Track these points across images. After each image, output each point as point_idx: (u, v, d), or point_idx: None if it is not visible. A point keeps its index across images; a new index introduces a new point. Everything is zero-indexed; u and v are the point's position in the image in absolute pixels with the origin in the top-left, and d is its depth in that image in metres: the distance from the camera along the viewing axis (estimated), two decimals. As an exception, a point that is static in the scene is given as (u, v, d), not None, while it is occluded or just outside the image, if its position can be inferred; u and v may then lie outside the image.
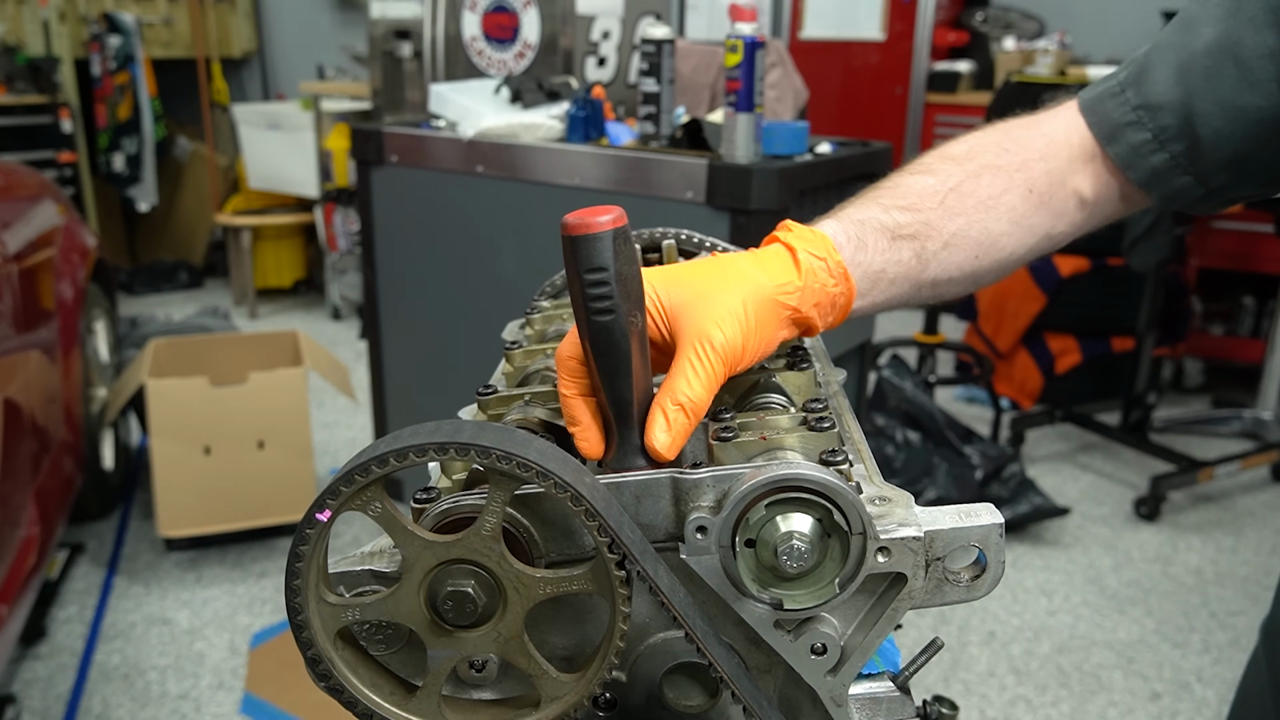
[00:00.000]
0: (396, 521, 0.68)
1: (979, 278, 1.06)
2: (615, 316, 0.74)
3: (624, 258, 0.74)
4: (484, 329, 2.68)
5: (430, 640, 0.71)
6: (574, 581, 0.71)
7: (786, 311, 0.87)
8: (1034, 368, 5.51)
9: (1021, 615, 3.73)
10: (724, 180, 2.82)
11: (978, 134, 1.09)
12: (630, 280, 0.75)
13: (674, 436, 0.78)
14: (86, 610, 3.67)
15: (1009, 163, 1.05)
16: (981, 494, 4.11)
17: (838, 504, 0.70)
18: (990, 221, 1.03)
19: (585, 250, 0.73)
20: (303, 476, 3.97)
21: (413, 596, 0.70)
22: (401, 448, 0.66)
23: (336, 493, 0.66)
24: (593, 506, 0.67)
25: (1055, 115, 1.09)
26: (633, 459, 0.79)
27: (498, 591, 0.71)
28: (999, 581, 0.74)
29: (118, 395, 4.06)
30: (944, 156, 1.07)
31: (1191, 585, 3.94)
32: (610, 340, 0.75)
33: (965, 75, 7.01)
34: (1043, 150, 1.06)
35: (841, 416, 0.91)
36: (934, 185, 1.02)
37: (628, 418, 0.78)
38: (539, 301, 1.19)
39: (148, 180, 7.29)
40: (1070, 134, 1.07)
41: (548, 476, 0.66)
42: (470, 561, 0.70)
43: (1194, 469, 4.51)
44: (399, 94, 5.30)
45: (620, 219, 0.74)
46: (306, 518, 0.67)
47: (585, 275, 0.74)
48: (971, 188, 1.03)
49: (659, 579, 0.70)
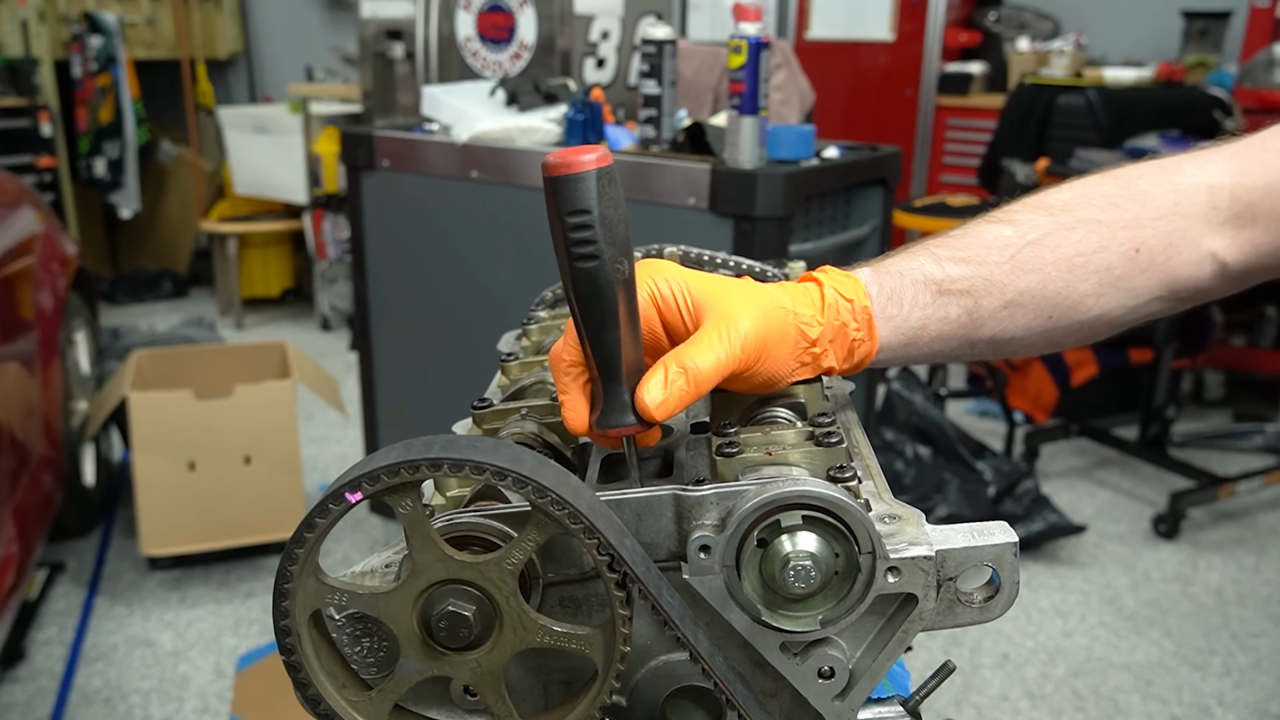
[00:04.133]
0: (421, 525, 0.68)
1: (1055, 339, 1.01)
2: (599, 262, 0.74)
3: (608, 200, 0.74)
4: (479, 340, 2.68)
5: (407, 649, 0.71)
6: (575, 640, 0.71)
7: (804, 343, 0.86)
8: (1049, 380, 5.51)
9: (1036, 637, 3.72)
10: (727, 186, 2.82)
11: (1091, 180, 1.03)
12: (615, 224, 0.74)
13: (668, 396, 0.78)
14: (67, 632, 3.66)
15: (1116, 218, 0.98)
16: (994, 511, 4.11)
17: (846, 522, 0.69)
18: (1075, 280, 0.97)
19: (566, 191, 0.73)
20: (291, 493, 3.96)
21: (407, 602, 0.70)
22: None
23: (377, 478, 0.66)
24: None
25: (1205, 163, 1.02)
26: (619, 416, 0.79)
27: (494, 624, 0.71)
28: (1013, 602, 0.74)
29: (99, 409, 4.05)
30: (1035, 205, 1.01)
31: (1212, 606, 3.94)
32: (594, 288, 0.75)
33: (977, 77, 7.01)
34: (1167, 207, 0.99)
35: (849, 431, 0.91)
36: (1009, 237, 0.97)
37: (614, 372, 0.78)
38: (536, 311, 1.19)
39: (130, 186, 7.29)
40: (1218, 193, 1.00)
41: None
42: (478, 587, 0.70)
43: (1215, 485, 4.50)
44: (390, 96, 5.30)
45: (605, 158, 0.74)
46: (334, 494, 0.67)
47: (567, 218, 0.73)
48: (1057, 242, 0.97)
49: (662, 598, 0.69)
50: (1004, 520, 0.74)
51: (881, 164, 3.26)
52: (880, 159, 3.26)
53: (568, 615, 0.77)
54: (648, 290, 0.84)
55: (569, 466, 0.94)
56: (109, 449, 4.64)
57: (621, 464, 0.88)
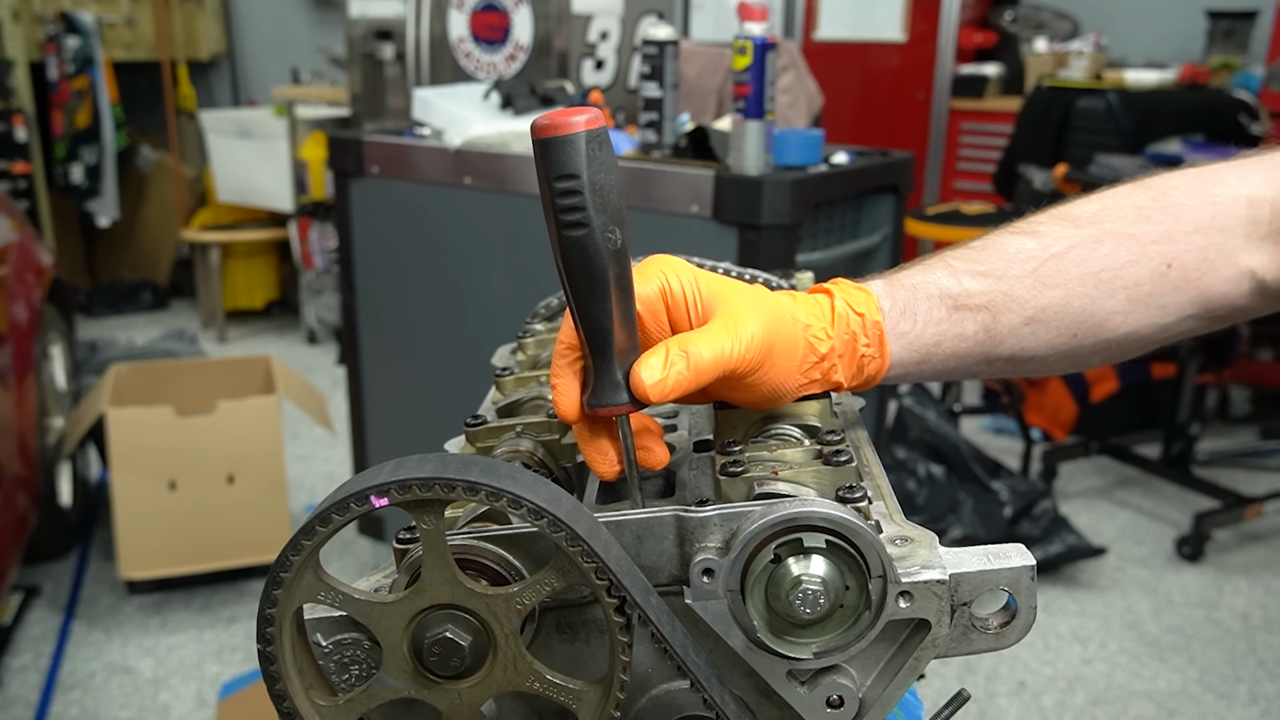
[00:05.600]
0: (439, 544, 0.68)
1: (1079, 358, 1.00)
2: (588, 230, 0.74)
3: (599, 164, 0.73)
4: (472, 354, 2.67)
5: (389, 665, 0.71)
6: (565, 694, 0.71)
7: (813, 357, 0.86)
8: (1067, 396, 5.50)
9: (1054, 664, 3.72)
10: (732, 193, 2.82)
11: (1122, 191, 1.01)
12: (605, 190, 0.74)
13: (666, 377, 0.78)
14: (42, 658, 3.66)
15: (1147, 232, 0.97)
16: (1011, 533, 4.11)
17: (856, 545, 0.69)
18: (1101, 296, 0.96)
19: (554, 154, 0.73)
20: (275, 513, 3.96)
21: (403, 618, 0.70)
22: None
23: (408, 488, 0.66)
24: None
25: (1245, 174, 1.00)
26: (609, 395, 0.79)
27: (487, 659, 0.71)
28: (1030, 628, 0.74)
29: (75, 426, 4.05)
30: (1060, 216, 0.99)
31: (1238, 631, 3.93)
32: (584, 257, 0.75)
33: (993, 79, 7.03)
34: (1203, 221, 0.97)
35: (859, 449, 0.91)
36: (1031, 249, 0.96)
37: (605, 348, 0.78)
38: (532, 324, 1.19)
39: (108, 193, 7.30)
40: (1258, 206, 0.98)
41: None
42: (480, 619, 0.70)
43: (1240, 505, 4.50)
44: (380, 100, 5.32)
45: (595, 120, 0.73)
46: (358, 494, 0.66)
47: (554, 183, 0.73)
48: (1083, 255, 0.95)
49: (662, 624, 0.69)
50: (1020, 542, 0.74)
51: (893, 170, 3.27)
52: (891, 165, 3.26)
53: (565, 641, 0.77)
54: (658, 284, 0.84)
55: (565, 485, 0.94)
56: (86, 468, 4.63)
57: (622, 484, 0.88)
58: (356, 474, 0.68)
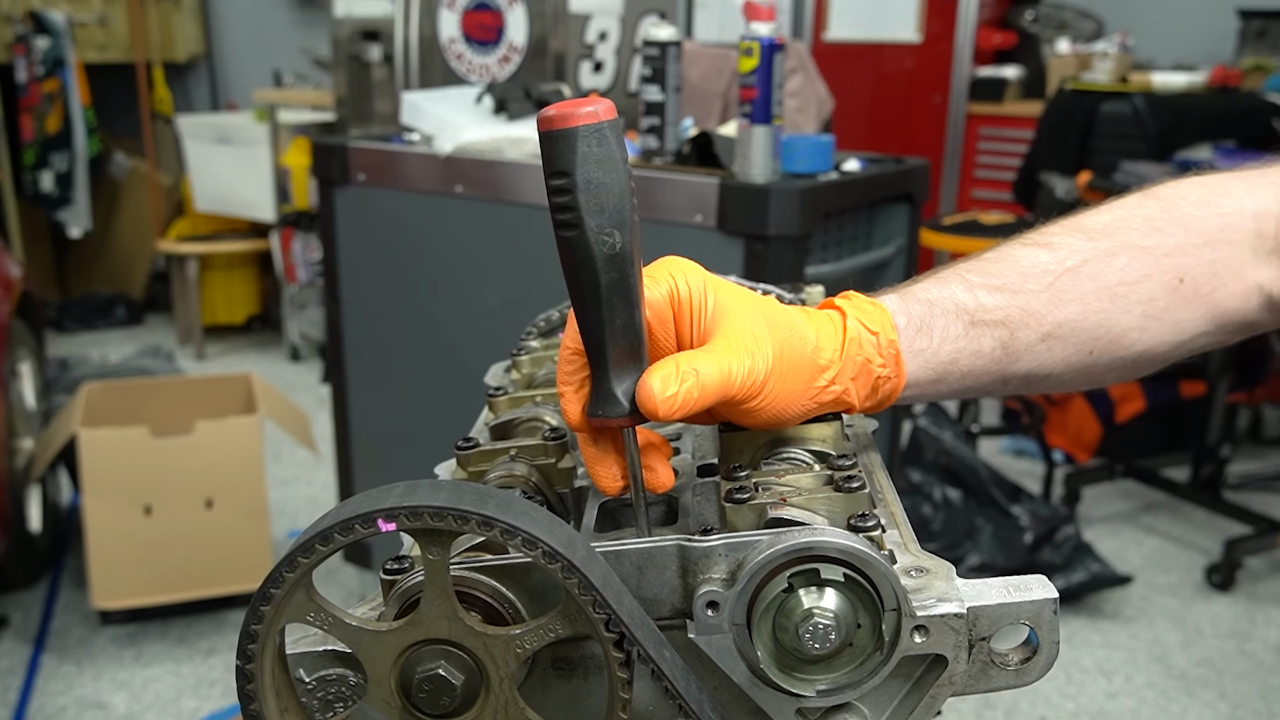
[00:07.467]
0: (441, 577, 0.68)
1: (1095, 375, 1.01)
2: (579, 232, 0.74)
3: (594, 161, 0.73)
4: (464, 372, 2.67)
5: (373, 696, 0.71)
6: None
7: (820, 378, 0.86)
8: (1091, 416, 5.50)
9: (1077, 698, 3.71)
10: (737, 202, 2.82)
11: (1132, 200, 1.02)
12: (603, 189, 0.74)
13: (673, 393, 0.77)
14: (10, 692, 3.65)
15: (1158, 245, 0.98)
16: (1031, 560, 4.10)
17: (868, 576, 0.69)
18: (1117, 312, 0.97)
19: (547, 149, 0.73)
20: (257, 539, 3.95)
21: (392, 649, 0.70)
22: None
23: (419, 515, 0.66)
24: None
25: (1252, 187, 1.02)
26: (604, 406, 0.79)
27: (476, 701, 0.70)
28: (1052, 664, 0.74)
29: (46, 447, 4.05)
30: (1073, 227, 1.00)
31: (1271, 664, 3.93)
32: (574, 260, 0.75)
33: (1013, 82, 7.04)
34: (1212, 234, 0.99)
35: (872, 474, 0.91)
36: (1047, 262, 0.97)
37: (599, 357, 0.78)
38: (527, 341, 1.19)
39: (80, 202, 7.31)
40: (1264, 220, 1.00)
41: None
42: (476, 658, 0.69)
43: (1274, 531, 4.49)
44: (366, 104, 5.33)
45: (596, 114, 0.73)
46: (366, 517, 0.66)
47: (548, 180, 0.73)
48: (1098, 270, 0.96)
49: (663, 661, 0.69)
50: (1042, 571, 0.74)
51: (907, 178, 3.27)
52: (905, 172, 3.26)
53: (562, 678, 0.77)
54: (667, 288, 0.84)
55: (560, 511, 0.94)
56: (57, 492, 4.63)
57: (621, 511, 0.88)
58: (361, 493, 0.68)
